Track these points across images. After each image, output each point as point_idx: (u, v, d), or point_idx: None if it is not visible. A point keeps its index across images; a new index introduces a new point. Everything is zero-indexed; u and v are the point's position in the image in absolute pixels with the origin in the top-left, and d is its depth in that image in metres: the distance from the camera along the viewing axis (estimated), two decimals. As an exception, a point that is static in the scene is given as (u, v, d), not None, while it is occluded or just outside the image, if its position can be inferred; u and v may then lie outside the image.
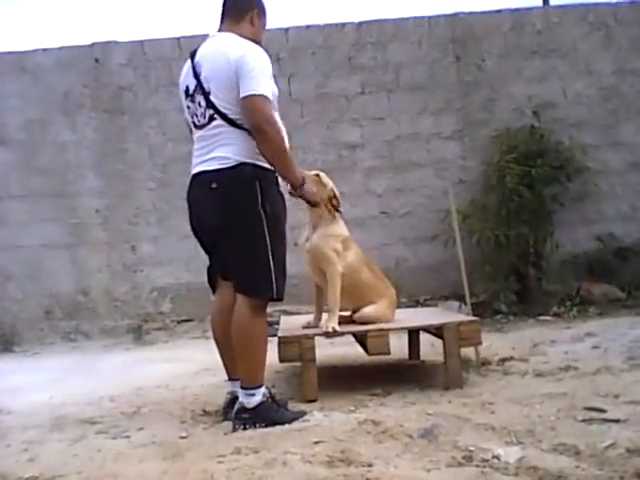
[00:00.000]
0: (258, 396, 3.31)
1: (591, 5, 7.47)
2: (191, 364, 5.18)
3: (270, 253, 3.31)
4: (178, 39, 7.42)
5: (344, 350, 4.95)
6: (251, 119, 3.19)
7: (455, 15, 7.48)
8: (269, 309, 7.33)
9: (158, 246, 7.33)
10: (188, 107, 3.43)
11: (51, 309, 7.24)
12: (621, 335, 4.98)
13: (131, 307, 7.27)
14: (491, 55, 7.39)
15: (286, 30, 7.44)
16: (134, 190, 7.35)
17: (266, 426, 3.23)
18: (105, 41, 7.41)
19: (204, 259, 7.63)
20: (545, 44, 7.31)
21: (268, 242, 3.31)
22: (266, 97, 3.20)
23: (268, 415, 3.30)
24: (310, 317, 4.37)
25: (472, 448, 2.72)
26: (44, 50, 7.38)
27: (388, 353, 3.87)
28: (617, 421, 2.92)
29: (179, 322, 7.15)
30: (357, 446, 2.84)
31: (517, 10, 7.39)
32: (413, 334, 4.68)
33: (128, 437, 3.34)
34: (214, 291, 3.68)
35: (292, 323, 4.53)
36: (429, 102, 7.42)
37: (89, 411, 3.90)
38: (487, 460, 2.59)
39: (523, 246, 6.57)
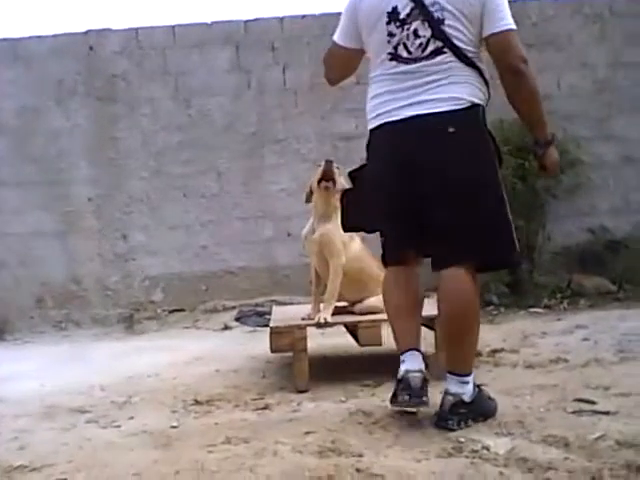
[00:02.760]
0: (471, 384, 2.95)
1: (587, -2, 7.47)
2: (182, 354, 5.18)
3: (509, 213, 2.88)
4: (173, 27, 7.37)
5: (336, 341, 4.95)
6: (506, 57, 2.79)
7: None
8: (261, 298, 7.39)
9: (150, 235, 7.31)
10: (391, 34, 2.85)
11: (42, 297, 7.21)
12: (611, 328, 5.00)
13: (122, 296, 7.25)
14: (486, 47, 7.37)
15: (281, 19, 7.41)
16: (127, 179, 7.33)
17: (483, 420, 2.90)
18: (99, 29, 7.35)
19: (196, 248, 7.65)
20: (541, 36, 7.29)
21: (505, 199, 2.88)
22: (517, 34, 2.82)
23: (482, 406, 2.96)
24: (303, 307, 4.38)
25: (462, 439, 2.73)
26: (38, 37, 7.31)
27: (380, 344, 3.89)
28: (607, 413, 2.94)
29: (170, 312, 7.13)
30: (348, 436, 2.85)
31: (513, 2, 7.32)
32: (405, 325, 4.68)
33: (119, 426, 3.34)
34: (396, 263, 3.12)
35: (284, 313, 4.53)
36: (423, 93, 7.41)
37: (79, 400, 3.89)
38: (477, 451, 2.61)
39: (515, 238, 6.58)
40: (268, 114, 7.36)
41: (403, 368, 2.98)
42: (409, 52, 2.82)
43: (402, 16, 2.82)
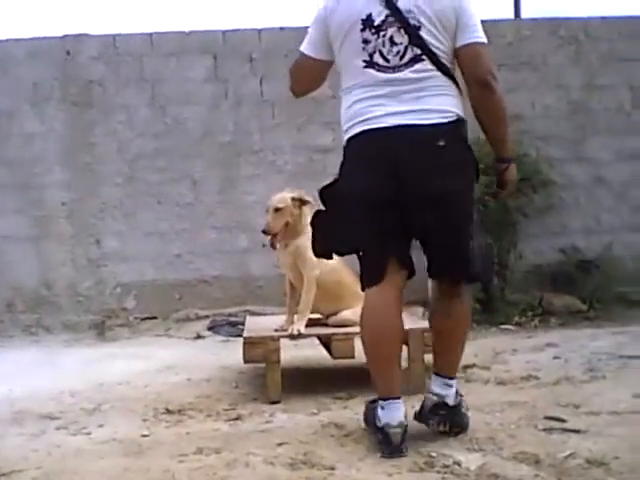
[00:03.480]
0: (455, 389, 3.03)
1: (562, 19, 7.57)
2: (154, 362, 5.15)
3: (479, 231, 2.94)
4: (150, 35, 7.35)
5: (309, 353, 4.96)
6: (476, 70, 2.78)
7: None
8: (234, 308, 7.36)
9: (124, 242, 7.25)
10: (366, 41, 2.78)
11: (13, 302, 7.12)
12: (581, 346, 5.06)
13: (94, 302, 7.19)
14: (462, 65, 7.44)
15: (259, 31, 7.42)
16: (101, 184, 7.27)
17: (457, 432, 2.97)
18: (77, 34, 7.30)
19: (170, 256, 7.62)
20: (516, 56, 7.38)
21: (477, 217, 2.93)
22: (488, 49, 2.83)
23: (461, 416, 3.03)
24: (276, 318, 4.38)
25: (434, 454, 2.75)
26: (15, 40, 7.24)
27: (353, 357, 3.90)
28: (577, 431, 2.97)
29: (143, 319, 7.08)
30: (320, 449, 2.86)
31: (486, 21, 7.42)
32: (377, 339, 4.70)
33: (88, 433, 3.32)
34: (380, 280, 2.89)
35: (257, 324, 4.53)
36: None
37: (49, 406, 3.85)
38: (448, 466, 2.63)
39: (488, 255, 6.65)
40: (244, 125, 7.36)
41: (383, 420, 2.82)
42: (386, 60, 2.77)
43: (377, 22, 2.75)
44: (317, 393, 3.86)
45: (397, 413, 2.82)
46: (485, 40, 2.83)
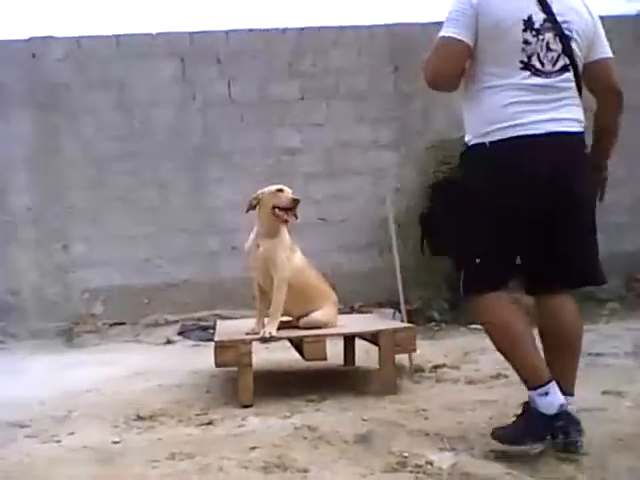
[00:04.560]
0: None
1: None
2: (123, 368, 5.11)
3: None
4: (117, 37, 7.31)
5: (280, 355, 4.95)
6: (612, 81, 2.86)
7: (394, 25, 7.58)
8: (204, 312, 7.32)
9: (91, 247, 7.19)
10: (526, 42, 2.73)
11: (-22, 309, 7.04)
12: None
13: (62, 309, 7.11)
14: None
15: (227, 33, 7.41)
16: (68, 188, 7.21)
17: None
18: (42, 36, 7.24)
19: (138, 260, 7.55)
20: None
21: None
22: None
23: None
24: (247, 321, 4.37)
25: (406, 454, 2.77)
26: (-20, 43, 7.19)
27: (324, 359, 3.90)
28: (547, 429, 3.00)
29: (111, 325, 7.03)
30: (293, 452, 2.86)
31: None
32: (349, 340, 4.72)
33: (59, 441, 3.28)
34: (502, 287, 2.92)
35: (228, 327, 4.52)
36: (367, 110, 7.48)
37: (18, 414, 3.79)
38: (421, 466, 2.64)
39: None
40: (213, 127, 7.35)
41: (556, 402, 2.68)
42: (542, 64, 2.74)
43: (537, 26, 2.73)
44: (289, 396, 3.85)
45: (559, 393, 2.72)
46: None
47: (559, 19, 2.74)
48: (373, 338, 4.04)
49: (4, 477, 2.75)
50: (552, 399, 2.68)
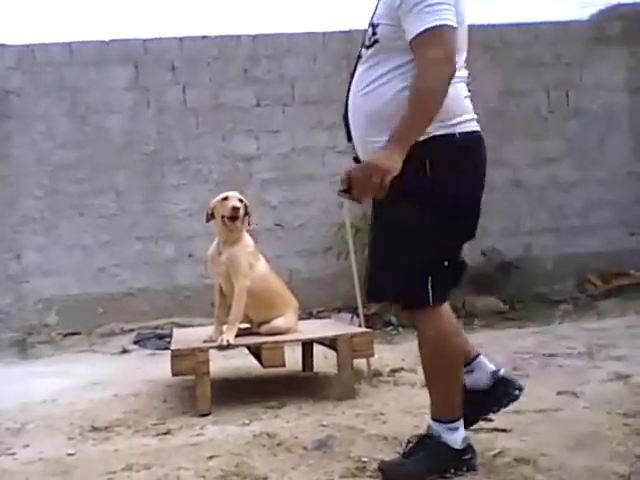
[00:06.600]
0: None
1: (477, 26, 7.74)
2: (78, 378, 5.03)
3: None
4: (70, 44, 7.22)
5: (238, 362, 4.93)
6: None
7: (349, 32, 7.61)
8: (160, 320, 7.26)
9: (45, 256, 7.08)
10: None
11: None
12: (505, 346, 5.18)
13: (15, 319, 6.99)
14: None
15: (181, 39, 7.38)
16: (20, 197, 7.09)
17: None
18: (-7, 44, 7.14)
19: (93, 269, 7.47)
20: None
21: None
22: None
23: None
24: (204, 329, 4.34)
25: (365, 459, 2.77)
26: None
27: (283, 365, 3.89)
28: (504, 430, 3.04)
29: (65, 335, 6.92)
30: (252, 459, 2.85)
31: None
32: (307, 346, 4.71)
33: (13, 454, 3.22)
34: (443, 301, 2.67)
35: (185, 335, 4.48)
36: (324, 116, 7.50)
37: (-30, 428, 3.73)
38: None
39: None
40: (168, 133, 7.30)
41: (463, 436, 2.60)
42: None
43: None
44: (248, 403, 3.84)
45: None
46: None
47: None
48: (331, 343, 4.05)
49: (-44, 493, 2.69)
50: (461, 434, 2.59)
